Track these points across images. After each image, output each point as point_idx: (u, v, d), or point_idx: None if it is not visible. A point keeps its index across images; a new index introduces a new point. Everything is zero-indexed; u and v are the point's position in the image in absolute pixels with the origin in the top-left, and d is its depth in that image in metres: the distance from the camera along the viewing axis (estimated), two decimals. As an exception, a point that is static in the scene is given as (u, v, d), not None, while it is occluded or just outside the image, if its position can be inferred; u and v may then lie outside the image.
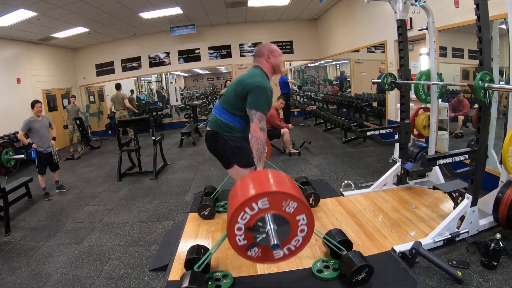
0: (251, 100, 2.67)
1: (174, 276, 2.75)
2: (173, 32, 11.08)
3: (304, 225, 2.07)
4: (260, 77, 2.78)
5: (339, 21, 9.93)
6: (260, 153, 2.70)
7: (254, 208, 1.96)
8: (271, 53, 2.91)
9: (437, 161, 2.86)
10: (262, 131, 2.66)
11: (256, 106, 2.65)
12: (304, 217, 2.05)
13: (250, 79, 2.74)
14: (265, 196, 1.95)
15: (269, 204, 1.97)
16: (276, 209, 1.99)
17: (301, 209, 2.01)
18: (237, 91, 2.77)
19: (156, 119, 12.20)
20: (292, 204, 1.97)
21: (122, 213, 4.59)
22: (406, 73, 4.07)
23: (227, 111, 2.83)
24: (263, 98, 2.67)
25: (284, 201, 1.97)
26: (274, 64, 2.93)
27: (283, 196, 1.97)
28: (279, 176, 2.21)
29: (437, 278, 2.57)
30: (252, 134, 2.67)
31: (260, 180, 2.13)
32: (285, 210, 1.99)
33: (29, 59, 9.74)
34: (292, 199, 1.98)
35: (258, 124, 2.65)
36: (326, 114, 9.07)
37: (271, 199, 1.96)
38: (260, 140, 2.66)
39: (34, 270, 3.26)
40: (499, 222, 3.03)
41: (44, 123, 5.53)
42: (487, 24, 2.71)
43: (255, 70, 2.89)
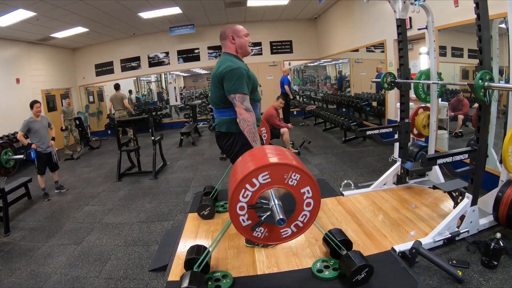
0: (227, 87, 2.62)
1: (174, 277, 2.74)
2: (173, 32, 11.07)
3: (310, 198, 1.98)
4: (229, 61, 2.70)
5: (338, 20, 9.93)
6: (252, 134, 2.62)
7: (255, 183, 1.87)
8: (235, 33, 2.84)
9: (437, 160, 2.85)
10: (248, 111, 2.60)
11: (233, 89, 2.59)
12: (309, 189, 1.96)
13: (219, 68, 2.68)
14: (265, 169, 1.86)
15: (270, 178, 1.88)
16: (278, 183, 1.91)
17: (304, 181, 1.92)
18: (216, 85, 2.73)
19: (156, 119, 12.20)
20: (294, 176, 1.88)
21: (121, 213, 4.59)
22: (405, 72, 4.07)
23: (222, 108, 2.79)
24: (237, 79, 2.59)
25: (286, 174, 1.88)
26: (238, 44, 2.85)
27: (284, 168, 1.88)
28: (278, 149, 2.15)
29: (437, 277, 2.56)
30: (239, 117, 2.61)
31: (259, 155, 2.04)
32: (288, 183, 1.90)
33: (29, 59, 9.73)
34: (294, 170, 1.89)
35: (241, 106, 2.59)
36: (326, 113, 9.07)
37: (272, 172, 1.87)
38: (248, 121, 2.59)
39: (34, 271, 3.25)
40: (499, 221, 3.03)
41: (43, 124, 5.52)
42: (487, 23, 2.70)
43: (222, 58, 2.83)
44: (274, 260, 2.90)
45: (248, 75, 2.68)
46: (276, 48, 12.30)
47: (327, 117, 8.78)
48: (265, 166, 1.87)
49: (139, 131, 8.09)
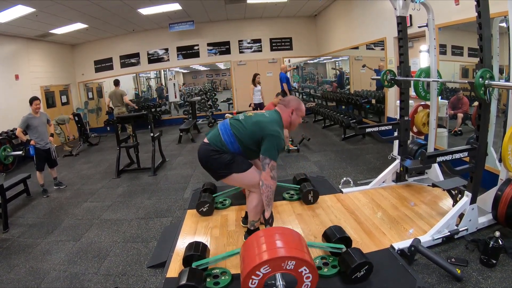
0: (267, 147, 2.69)
1: (172, 273, 2.75)
2: (172, 28, 11.03)
3: (308, 273, 2.15)
4: (279, 126, 2.83)
5: (338, 18, 9.90)
6: (269, 200, 2.78)
7: (258, 274, 2.08)
8: (297, 111, 2.96)
9: (437, 158, 2.86)
10: (273, 179, 2.72)
11: (271, 155, 2.69)
12: (305, 268, 2.13)
13: (270, 126, 2.76)
14: (264, 264, 2.07)
15: (271, 268, 2.09)
16: (278, 270, 2.12)
17: (300, 264, 2.10)
18: (254, 132, 2.77)
19: (155, 115, 12.18)
20: (290, 263, 2.09)
21: (120, 210, 4.59)
22: (405, 70, 4.06)
23: (233, 137, 2.81)
24: (277, 147, 2.72)
25: (283, 263, 2.09)
26: (293, 121, 2.97)
27: (280, 260, 2.08)
28: (275, 239, 2.27)
29: (436, 275, 2.57)
30: (263, 181, 2.71)
31: (256, 250, 2.19)
32: (287, 268, 2.11)
33: (28, 55, 9.69)
34: (289, 259, 2.08)
35: (269, 173, 2.69)
36: (325, 111, 9.07)
37: (271, 264, 2.08)
38: (271, 188, 2.73)
39: (33, 267, 3.25)
40: (498, 220, 3.03)
41: (42, 120, 5.50)
42: (488, 21, 2.70)
43: (276, 116, 2.91)
44: (273, 257, 2.90)
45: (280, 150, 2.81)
46: (276, 45, 12.27)
47: (327, 114, 8.77)
48: (263, 262, 2.08)
49: (138, 128, 8.10)
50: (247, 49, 12.20)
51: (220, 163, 2.80)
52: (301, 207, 3.91)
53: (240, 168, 2.82)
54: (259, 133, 2.73)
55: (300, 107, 2.99)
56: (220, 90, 13.75)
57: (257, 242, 2.23)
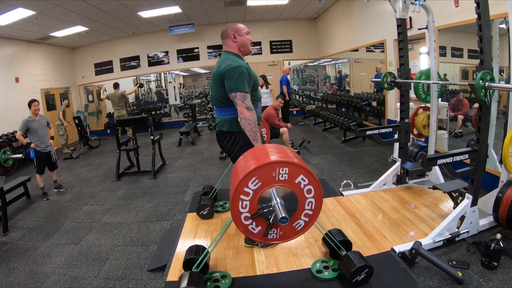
0: (227, 85, 2.62)
1: (173, 277, 2.73)
2: (172, 31, 11.05)
3: (307, 185, 1.96)
4: (230, 60, 2.70)
5: (338, 20, 9.92)
6: (253, 133, 2.62)
7: (247, 192, 1.87)
8: (237, 32, 2.84)
9: (438, 160, 2.84)
10: (249, 110, 2.60)
11: (234, 87, 2.59)
12: (303, 177, 1.93)
13: (220, 67, 2.68)
14: (251, 175, 1.84)
15: (260, 182, 1.87)
16: (270, 183, 1.90)
17: (295, 172, 1.89)
18: (216, 84, 2.72)
19: (155, 118, 12.19)
20: (282, 171, 1.86)
21: (120, 213, 4.58)
22: (406, 72, 4.06)
23: (223, 107, 2.78)
24: (238, 77, 2.59)
25: (274, 172, 1.86)
26: (240, 43, 2.84)
27: (268, 168, 1.86)
28: (259, 150, 2.12)
29: (437, 278, 2.55)
30: (240, 116, 2.61)
31: (242, 164, 2.02)
32: (280, 179, 1.88)
33: (28, 58, 9.70)
34: (280, 165, 1.87)
35: (242, 105, 2.58)
36: (325, 113, 9.07)
37: (259, 176, 1.87)
38: (249, 120, 2.59)
39: (32, 271, 3.24)
40: (499, 222, 3.02)
41: (42, 123, 5.49)
42: (488, 23, 2.69)
43: (223, 56, 2.83)
44: (273, 260, 2.89)
45: (249, 73, 2.68)
46: (275, 47, 12.29)
47: (327, 116, 8.77)
48: (249, 173, 1.85)
49: (139, 131, 8.10)
50: (247, 51, 12.18)
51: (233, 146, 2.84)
52: (302, 210, 3.89)
53: None
54: (218, 80, 2.68)
55: (237, 26, 2.86)
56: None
57: (244, 158, 2.08)
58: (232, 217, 1.94)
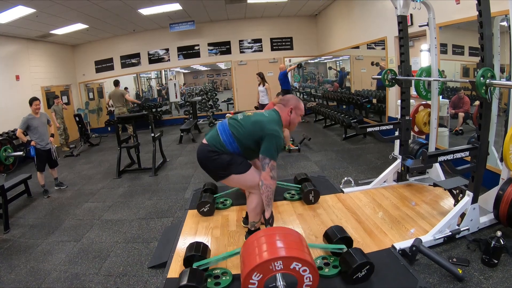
0: (266, 147, 2.68)
1: (173, 274, 2.74)
2: (173, 28, 11.02)
3: (309, 274, 2.13)
4: (278, 125, 2.81)
5: (339, 17, 9.89)
6: (269, 200, 2.75)
7: (258, 275, 2.06)
8: (296, 109, 2.95)
9: (438, 158, 2.85)
10: (273, 179, 2.70)
11: (271, 154, 2.67)
12: (306, 269, 2.10)
13: (269, 125, 2.74)
14: (253, 271, 2.04)
15: (262, 275, 2.07)
16: (279, 270, 2.08)
17: (301, 265, 2.08)
18: (254, 132, 2.75)
19: (156, 115, 12.18)
20: (277, 264, 2.06)
21: (121, 210, 4.58)
22: (406, 69, 4.05)
23: (232, 137, 2.79)
24: (277, 147, 2.71)
25: (270, 265, 2.05)
26: (291, 119, 2.95)
27: (280, 260, 2.05)
28: (275, 239, 2.24)
29: (437, 275, 2.56)
30: (263, 181, 2.69)
31: (257, 251, 2.17)
32: (288, 269, 2.08)
33: (28, 56, 9.69)
34: (289, 260, 2.06)
35: (269, 173, 2.67)
36: (326, 110, 9.06)
37: (260, 271, 2.05)
38: (270, 188, 2.70)
39: (33, 268, 3.25)
40: (500, 219, 3.02)
41: (42, 120, 5.50)
42: (489, 20, 2.69)
43: (275, 116, 2.89)
44: (274, 257, 2.89)
45: (280, 149, 2.80)
46: (276, 44, 12.26)
47: (327, 114, 8.76)
48: (252, 270, 2.05)
49: (139, 128, 8.09)
50: (247, 49, 12.19)
51: (218, 164, 2.79)
52: (302, 207, 3.91)
53: (239, 169, 2.81)
54: (258, 133, 2.72)
55: (299, 106, 2.97)
56: (221, 90, 13.75)
57: (258, 242, 2.21)
58: None
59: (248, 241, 2.28)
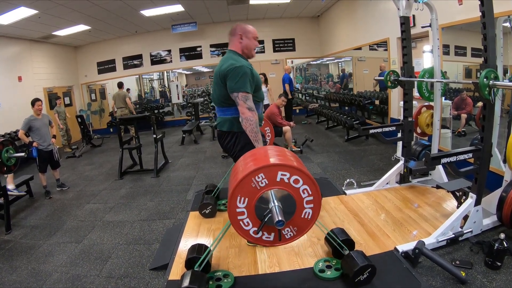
0: (229, 85, 2.56)
1: (175, 276, 2.73)
2: (175, 29, 11.05)
3: (291, 178, 1.91)
4: (232, 59, 2.65)
5: (341, 18, 9.89)
6: (255, 134, 2.57)
7: (241, 211, 1.90)
8: (245, 33, 2.81)
9: (441, 159, 2.83)
10: (251, 110, 2.54)
11: (236, 88, 2.54)
12: (284, 173, 1.88)
13: (222, 66, 2.64)
14: (235, 196, 1.85)
15: (247, 198, 1.87)
16: (255, 195, 1.88)
17: (271, 173, 1.85)
18: (218, 83, 2.68)
19: (158, 117, 12.19)
20: (259, 179, 1.84)
21: (122, 212, 4.58)
22: (409, 70, 4.04)
23: (224, 107, 2.74)
24: (240, 77, 2.54)
25: (252, 183, 1.85)
26: (245, 45, 2.82)
27: (245, 182, 1.84)
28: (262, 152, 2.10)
29: (440, 278, 2.54)
30: (241, 116, 2.56)
31: (242, 167, 1.98)
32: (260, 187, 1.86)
33: (31, 57, 9.73)
34: (256, 173, 1.84)
35: (243, 105, 2.53)
36: (328, 112, 9.04)
37: (242, 193, 1.87)
38: (251, 120, 2.54)
39: (35, 269, 3.25)
40: (503, 221, 3.00)
41: (44, 122, 5.52)
42: (492, 20, 2.67)
43: (226, 55, 2.79)
44: (275, 259, 2.88)
45: (251, 73, 2.64)
46: (278, 46, 12.27)
47: (330, 115, 8.75)
48: (258, 169, 1.84)
49: (141, 129, 8.09)
50: (249, 50, 12.16)
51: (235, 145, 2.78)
52: (304, 209, 3.88)
53: None
54: (220, 80, 2.64)
55: (246, 28, 2.82)
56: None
57: (237, 165, 2.08)
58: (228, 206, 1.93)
59: (233, 167, 2.16)
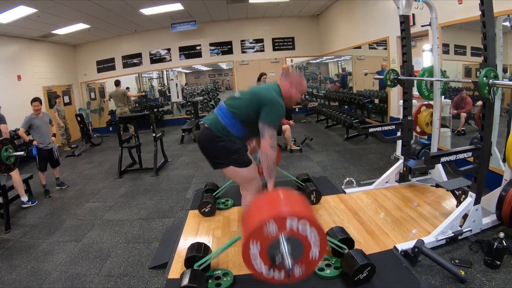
0: (265, 114, 2.60)
1: (174, 274, 2.73)
2: (174, 28, 11.02)
3: (299, 224, 1.90)
4: (276, 93, 2.73)
5: (340, 17, 9.88)
6: (270, 170, 2.65)
7: (254, 253, 1.90)
8: (297, 85, 2.85)
9: (441, 158, 2.83)
10: (273, 148, 2.61)
11: (270, 121, 2.59)
12: (293, 220, 1.89)
13: (267, 92, 2.69)
14: (249, 241, 1.87)
15: (259, 242, 1.88)
16: (267, 241, 1.89)
17: (281, 222, 1.88)
18: (252, 101, 2.69)
19: (157, 115, 12.19)
20: (270, 226, 1.86)
21: (122, 210, 4.58)
22: (409, 69, 4.04)
23: (232, 116, 2.70)
24: (276, 114, 2.63)
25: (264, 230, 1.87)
26: (289, 93, 2.83)
27: (258, 230, 1.86)
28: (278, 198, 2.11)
29: (439, 277, 2.54)
30: (263, 151, 2.61)
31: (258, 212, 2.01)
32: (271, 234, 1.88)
33: (30, 56, 9.70)
34: (268, 221, 1.86)
35: (269, 142, 2.58)
36: (328, 110, 9.04)
37: (255, 238, 1.88)
38: (271, 157, 2.61)
39: (34, 268, 3.25)
40: (503, 220, 3.00)
41: (44, 120, 5.51)
42: (492, 19, 2.67)
43: (274, 86, 2.84)
44: (275, 258, 2.88)
45: (281, 117, 2.76)
46: (278, 44, 12.25)
47: (329, 114, 8.75)
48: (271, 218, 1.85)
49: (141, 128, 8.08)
50: (249, 49, 12.19)
51: (221, 150, 2.69)
52: (304, 208, 3.88)
53: (240, 161, 2.72)
54: (256, 101, 2.65)
55: (301, 82, 2.88)
56: (223, 90, 13.73)
57: (250, 209, 2.09)
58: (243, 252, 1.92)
59: (245, 212, 2.17)
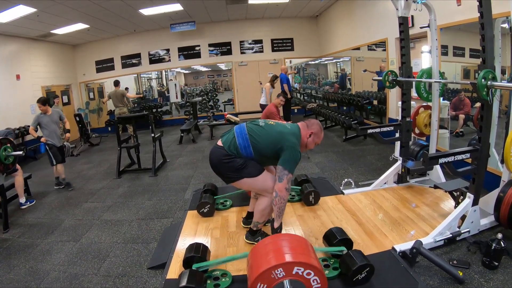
0: (286, 158, 2.71)
1: (173, 275, 2.73)
2: (173, 28, 11.02)
3: (316, 278, 2.05)
4: (297, 140, 2.84)
5: (340, 18, 9.89)
6: (281, 211, 2.78)
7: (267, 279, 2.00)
8: (315, 135, 2.97)
9: (439, 159, 2.84)
10: (287, 191, 2.72)
11: (290, 166, 2.71)
12: (313, 274, 2.03)
13: (291, 138, 2.78)
14: (256, 283, 1.99)
15: (266, 285, 2.00)
16: (287, 276, 2.01)
17: (289, 268, 2.01)
18: (276, 140, 2.77)
19: (156, 116, 12.18)
20: (278, 271, 1.99)
21: (120, 210, 4.58)
22: (407, 71, 4.04)
23: (248, 141, 2.80)
24: (295, 161, 2.75)
25: (271, 274, 1.99)
26: (308, 142, 2.96)
27: (266, 273, 1.98)
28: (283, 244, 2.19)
29: (437, 278, 2.55)
30: (278, 192, 2.70)
31: (249, 271, 2.12)
32: (295, 274, 2.01)
33: (29, 55, 9.69)
34: (297, 265, 2.00)
35: (285, 185, 2.69)
36: (327, 111, 9.05)
37: (262, 281, 1.99)
38: (284, 200, 2.73)
39: (32, 268, 3.24)
40: (500, 221, 3.01)
41: (53, 118, 5.60)
42: (490, 21, 2.68)
43: (296, 131, 2.92)
44: (273, 258, 2.88)
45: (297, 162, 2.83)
46: (277, 45, 12.26)
47: (328, 115, 8.75)
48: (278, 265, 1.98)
49: (139, 128, 8.09)
50: (248, 49, 12.20)
51: (230, 167, 2.79)
52: (302, 208, 3.90)
53: (252, 172, 2.80)
54: (280, 142, 2.74)
55: (319, 134, 3.00)
56: (222, 91, 13.73)
57: (259, 251, 2.17)
58: None
59: (253, 251, 2.22)
